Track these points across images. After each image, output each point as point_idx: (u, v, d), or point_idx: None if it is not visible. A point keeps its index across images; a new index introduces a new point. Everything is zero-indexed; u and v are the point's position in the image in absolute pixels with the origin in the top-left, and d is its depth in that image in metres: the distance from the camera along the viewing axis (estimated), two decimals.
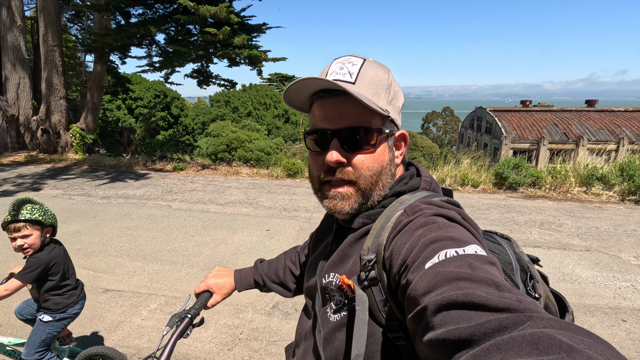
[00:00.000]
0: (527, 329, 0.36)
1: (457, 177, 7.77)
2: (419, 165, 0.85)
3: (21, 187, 7.36)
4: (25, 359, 1.98)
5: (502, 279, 0.49)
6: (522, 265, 0.80)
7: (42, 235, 1.96)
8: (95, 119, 11.54)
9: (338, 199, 0.74)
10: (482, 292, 0.44)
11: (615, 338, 2.90)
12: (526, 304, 0.42)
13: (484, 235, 0.84)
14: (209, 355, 2.67)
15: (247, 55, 9.42)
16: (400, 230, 0.66)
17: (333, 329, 0.75)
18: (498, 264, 0.55)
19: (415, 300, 0.51)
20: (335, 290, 0.76)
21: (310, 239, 1.03)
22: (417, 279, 0.53)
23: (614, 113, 26.64)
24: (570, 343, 0.33)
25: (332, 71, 0.74)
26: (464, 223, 0.65)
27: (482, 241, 0.65)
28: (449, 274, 0.49)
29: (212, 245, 4.63)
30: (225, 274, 1.17)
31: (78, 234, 4.94)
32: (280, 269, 1.16)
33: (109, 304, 3.30)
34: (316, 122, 0.76)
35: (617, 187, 6.95)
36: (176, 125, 28.81)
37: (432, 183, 0.79)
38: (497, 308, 0.42)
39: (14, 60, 10.58)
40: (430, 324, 0.46)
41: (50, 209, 2.02)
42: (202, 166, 9.76)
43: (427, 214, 0.66)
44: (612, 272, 4.00)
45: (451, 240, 0.57)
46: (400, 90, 0.80)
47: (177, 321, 0.97)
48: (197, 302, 1.07)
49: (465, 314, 0.43)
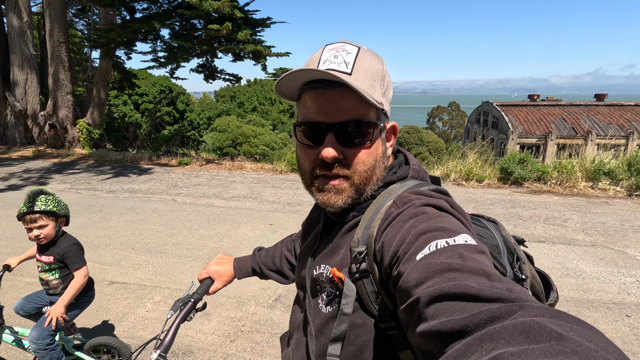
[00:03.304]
0: (519, 317, 0.37)
1: (462, 171, 7.73)
2: (407, 152, 0.84)
3: (28, 181, 7.45)
4: (35, 342, 1.95)
5: (492, 268, 0.50)
6: (509, 248, 0.82)
7: (56, 225, 2.01)
8: (101, 114, 11.62)
9: (332, 192, 0.72)
10: (473, 283, 0.45)
11: (618, 333, 2.89)
12: (517, 293, 0.43)
13: (472, 220, 0.84)
14: (211, 346, 2.71)
15: (251, 50, 9.41)
16: (391, 222, 0.66)
17: (325, 320, 0.75)
18: (487, 252, 0.56)
19: (408, 292, 0.51)
20: (326, 282, 0.76)
21: (302, 230, 1.04)
22: (408, 271, 0.53)
23: (624, 107, 26.23)
24: (560, 331, 0.33)
25: (325, 59, 0.70)
26: (453, 212, 0.65)
27: (472, 229, 0.66)
28: (440, 265, 0.50)
29: (216, 239, 4.67)
30: (226, 262, 1.20)
31: (84, 227, 5.01)
32: (276, 257, 1.18)
33: (115, 296, 3.35)
34: (309, 114, 0.72)
35: (625, 182, 6.87)
36: (182, 120, 28.91)
37: (420, 171, 0.79)
38: (489, 298, 0.42)
39: (21, 56, 10.67)
40: (423, 316, 0.46)
41: (63, 200, 2.06)
42: (207, 161, 9.81)
43: (416, 204, 0.66)
44: (617, 267, 3.97)
45: (441, 231, 0.57)
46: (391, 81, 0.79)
47: (181, 305, 1.00)
48: (200, 288, 1.10)
49: (457, 305, 0.43)
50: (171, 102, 28.08)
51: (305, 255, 0.89)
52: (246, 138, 22.74)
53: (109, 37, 9.14)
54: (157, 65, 10.55)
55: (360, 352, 0.70)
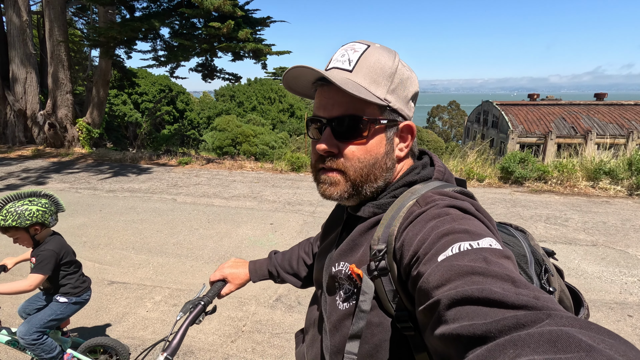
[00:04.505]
0: (546, 326, 0.35)
1: (462, 171, 7.72)
2: (433, 154, 0.82)
3: (26, 181, 7.43)
4: (21, 337, 1.94)
5: (517, 274, 0.48)
6: (536, 259, 0.78)
7: (29, 235, 1.92)
8: (101, 113, 11.60)
9: (327, 183, 0.75)
10: (498, 288, 0.43)
11: (620, 333, 2.88)
12: (544, 301, 0.41)
13: (499, 228, 0.82)
14: (212, 347, 2.70)
15: (251, 48, 9.39)
16: (412, 221, 0.64)
17: (342, 317, 0.74)
18: (513, 257, 0.54)
19: (427, 292, 0.50)
20: (344, 279, 0.75)
21: (322, 230, 1.03)
22: (429, 272, 0.52)
23: (624, 107, 26.22)
24: (590, 342, 0.31)
25: (335, 58, 0.75)
26: (477, 215, 0.63)
27: (497, 233, 0.64)
28: (463, 268, 0.48)
29: (216, 239, 4.66)
30: (241, 265, 1.19)
31: (84, 227, 4.99)
32: (293, 259, 1.17)
33: (115, 296, 3.34)
34: (315, 109, 0.76)
35: (625, 181, 6.86)
36: (181, 119, 28.88)
37: (445, 173, 0.77)
38: (514, 305, 0.40)
39: (21, 55, 10.64)
40: (443, 318, 0.45)
41: (35, 206, 1.89)
42: (207, 160, 9.80)
43: (440, 205, 0.64)
44: (618, 267, 3.96)
45: (465, 233, 0.56)
46: (412, 78, 0.76)
47: (191, 307, 0.99)
48: (211, 290, 1.08)
49: (480, 310, 0.42)
50: (171, 101, 28.05)
51: (324, 253, 0.88)
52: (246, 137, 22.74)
53: (109, 36, 9.13)
54: (157, 64, 10.54)
55: (376, 352, 0.68)
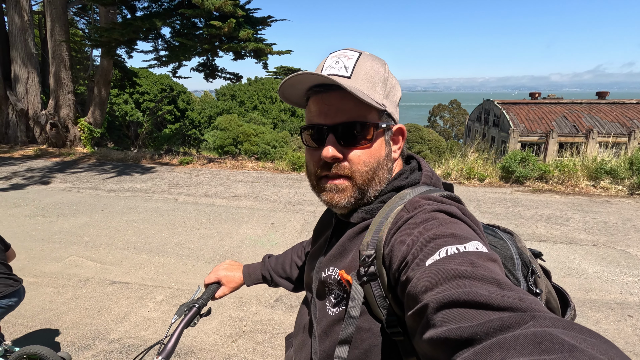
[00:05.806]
0: (530, 328, 0.36)
1: (463, 170, 7.71)
2: (420, 158, 0.84)
3: (31, 180, 7.46)
4: None
5: (503, 277, 0.49)
6: (523, 260, 0.80)
7: None
8: (102, 112, 11.63)
9: (334, 191, 0.74)
10: (483, 291, 0.44)
11: (621, 333, 2.88)
12: (528, 302, 0.42)
13: (486, 230, 0.83)
14: (213, 346, 2.71)
15: (252, 48, 9.40)
16: (401, 227, 0.65)
17: (331, 322, 0.75)
18: (499, 260, 0.55)
19: (416, 297, 0.51)
20: (334, 284, 0.76)
21: (313, 234, 1.04)
22: (417, 276, 0.53)
23: (625, 105, 26.14)
24: (573, 342, 0.32)
25: (327, 65, 0.73)
26: (464, 219, 0.64)
27: (483, 237, 0.65)
28: (450, 272, 0.49)
29: (217, 239, 4.67)
30: (236, 268, 1.19)
31: (86, 226, 5.01)
32: (287, 263, 1.17)
33: (116, 296, 3.36)
34: (312, 117, 0.75)
35: (627, 180, 6.84)
36: (183, 119, 28.91)
37: (433, 177, 0.79)
38: (499, 307, 0.41)
39: (22, 55, 10.66)
40: (431, 322, 0.45)
41: None
42: (208, 160, 9.81)
43: (427, 209, 0.65)
44: (619, 267, 3.96)
45: (452, 237, 0.57)
46: (398, 84, 0.79)
47: (185, 310, 0.99)
48: (206, 293, 1.09)
49: (466, 313, 0.43)
50: (172, 100, 28.08)
51: (314, 257, 0.89)
52: (247, 136, 22.77)
53: (110, 36, 9.14)
54: (158, 64, 10.56)
55: (365, 357, 0.69)
